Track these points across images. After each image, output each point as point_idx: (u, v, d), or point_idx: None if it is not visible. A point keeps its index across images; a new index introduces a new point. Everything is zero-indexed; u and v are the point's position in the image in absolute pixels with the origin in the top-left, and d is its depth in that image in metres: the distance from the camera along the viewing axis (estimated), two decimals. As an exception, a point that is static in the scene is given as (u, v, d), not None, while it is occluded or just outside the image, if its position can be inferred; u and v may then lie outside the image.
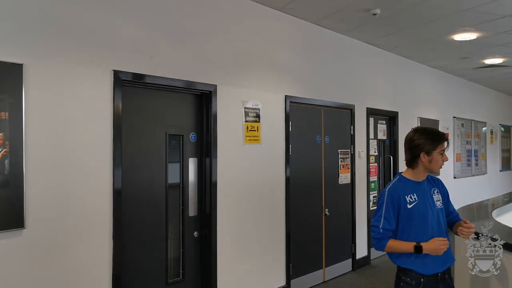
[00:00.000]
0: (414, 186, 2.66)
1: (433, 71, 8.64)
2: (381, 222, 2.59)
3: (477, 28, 5.81)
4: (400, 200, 2.59)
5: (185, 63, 4.05)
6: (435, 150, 2.59)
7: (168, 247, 3.97)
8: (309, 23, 5.47)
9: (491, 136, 11.62)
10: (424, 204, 2.61)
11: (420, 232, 2.57)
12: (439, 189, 2.75)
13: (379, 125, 7.12)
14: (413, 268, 2.56)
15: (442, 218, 2.67)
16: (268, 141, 4.88)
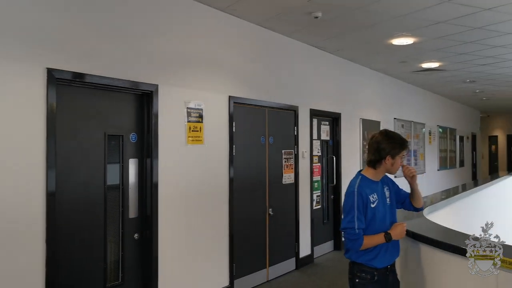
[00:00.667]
0: (373, 186, 2.80)
1: (375, 74, 8.94)
2: (356, 223, 2.65)
3: (414, 34, 6.06)
4: (367, 200, 2.71)
5: (126, 62, 3.97)
6: (398, 155, 2.77)
7: (107, 250, 3.88)
8: (253, 24, 5.51)
9: (429, 136, 12.16)
10: (382, 202, 2.79)
11: (380, 227, 2.74)
12: (388, 186, 2.94)
13: (323, 126, 7.28)
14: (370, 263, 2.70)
15: (392, 211, 2.87)
16: (211, 142, 4.87)
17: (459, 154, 15.07)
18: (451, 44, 6.62)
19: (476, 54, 7.40)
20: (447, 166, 13.72)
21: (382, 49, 6.95)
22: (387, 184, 2.92)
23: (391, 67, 8.52)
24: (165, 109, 4.31)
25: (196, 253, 4.66)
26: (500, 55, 7.49)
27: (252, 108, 5.57)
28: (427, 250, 2.67)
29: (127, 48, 3.99)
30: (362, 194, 2.68)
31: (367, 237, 2.68)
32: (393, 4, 4.85)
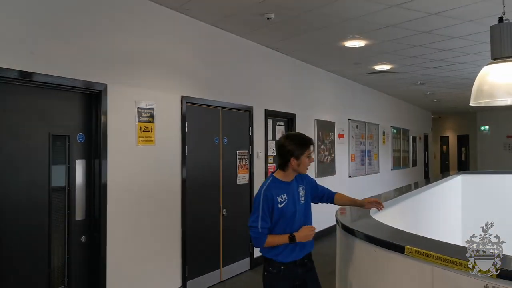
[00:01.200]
0: (284, 187, 2.91)
1: (330, 75, 9.09)
2: (259, 222, 2.80)
3: (365, 36, 6.20)
4: (273, 201, 2.83)
5: (72, 61, 3.86)
6: (303, 154, 2.86)
7: (51, 253, 3.75)
8: (206, 24, 5.48)
9: (383, 137, 12.48)
10: (292, 202, 2.90)
11: (289, 226, 2.86)
12: (304, 185, 3.03)
13: (278, 126, 7.33)
14: (275, 258, 2.84)
15: (306, 211, 2.98)
16: (163, 142, 4.81)
17: (412, 154, 15.54)
18: (401, 47, 6.82)
19: (425, 57, 7.65)
20: (401, 165, 14.12)
21: (336, 51, 7.08)
22: (302, 183, 3.02)
23: (346, 68, 8.69)
24: (114, 109, 4.22)
25: (146, 255, 4.59)
26: (448, 59, 7.77)
27: (206, 108, 5.54)
28: (365, 247, 2.74)
29: (75, 46, 3.88)
30: (268, 196, 2.82)
31: (272, 236, 2.82)
32: (343, 7, 4.94)
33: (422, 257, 2.25)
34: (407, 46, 6.79)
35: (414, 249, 2.30)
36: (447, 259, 2.12)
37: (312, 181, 3.16)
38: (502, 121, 17.94)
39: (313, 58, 7.72)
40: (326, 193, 3.20)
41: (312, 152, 2.93)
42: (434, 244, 2.47)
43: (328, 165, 8.87)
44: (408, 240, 2.55)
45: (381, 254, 2.57)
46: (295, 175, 2.98)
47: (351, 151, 10.16)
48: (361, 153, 10.77)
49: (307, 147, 2.88)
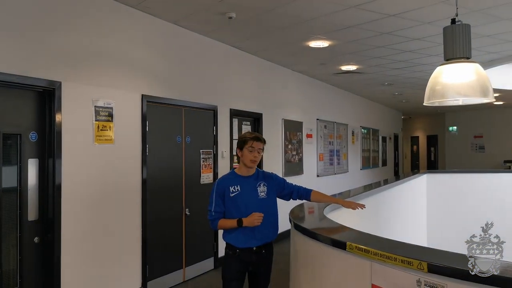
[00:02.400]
0: (239, 179, 3.28)
1: (298, 75, 9.14)
2: (213, 206, 3.22)
3: (328, 37, 6.27)
4: (224, 189, 3.23)
5: (24, 57, 3.79)
6: (245, 146, 3.24)
7: (2, 254, 3.67)
8: (168, 22, 5.45)
9: (352, 137, 12.62)
10: (245, 194, 3.23)
11: (241, 214, 3.17)
12: (267, 182, 3.34)
13: (244, 126, 7.34)
14: (231, 242, 3.22)
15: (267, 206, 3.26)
16: (122, 141, 4.76)
17: (382, 154, 15.78)
18: (364, 48, 6.91)
19: (389, 58, 7.78)
20: (370, 165, 14.32)
21: (300, 51, 7.13)
22: (264, 181, 3.34)
23: (312, 69, 8.76)
24: (69, 107, 4.16)
25: (104, 255, 4.53)
26: (411, 60, 7.92)
27: (167, 107, 5.50)
28: (312, 244, 2.77)
29: (26, 43, 3.81)
30: (220, 185, 3.25)
31: (223, 220, 3.21)
32: (301, 8, 4.98)
33: (362, 253, 2.29)
34: (370, 47, 6.89)
35: (354, 245, 2.34)
36: (384, 254, 2.16)
37: (280, 181, 3.45)
38: (469, 122, 18.39)
39: (279, 58, 7.76)
40: (296, 190, 3.44)
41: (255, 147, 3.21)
42: (374, 240, 2.52)
43: (295, 164, 8.93)
44: (350, 237, 2.59)
45: (326, 251, 2.61)
46: (255, 172, 3.33)
47: (320, 150, 10.25)
48: (329, 153, 10.87)
49: (249, 140, 3.23)
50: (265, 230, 3.21)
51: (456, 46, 3.84)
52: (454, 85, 3.85)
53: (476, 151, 18.31)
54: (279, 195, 3.41)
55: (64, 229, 4.08)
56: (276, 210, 3.37)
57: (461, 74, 3.79)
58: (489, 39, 6.47)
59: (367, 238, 2.61)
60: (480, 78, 3.71)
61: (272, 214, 3.29)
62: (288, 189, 3.43)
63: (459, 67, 3.78)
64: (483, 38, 6.42)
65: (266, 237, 3.26)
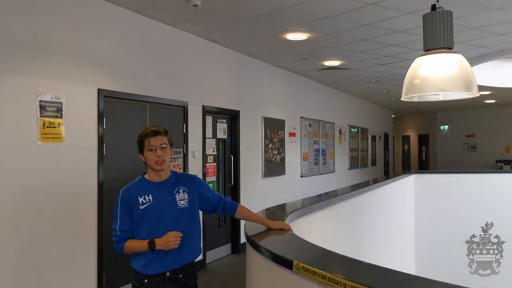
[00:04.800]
0: (151, 187, 2.56)
1: (279, 71, 8.73)
2: (118, 224, 2.50)
3: (306, 28, 5.86)
4: (132, 201, 2.50)
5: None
6: (144, 148, 2.53)
7: None
8: (129, 11, 5.02)
9: (339, 136, 12.23)
10: (160, 204, 2.52)
11: (155, 232, 2.47)
12: (187, 187, 2.63)
13: (219, 123, 6.93)
14: (137, 268, 2.51)
15: (186, 217, 2.57)
16: (74, 140, 4.34)
17: (371, 153, 15.41)
18: (346, 41, 6.52)
19: (373, 53, 7.39)
20: (359, 165, 13.94)
21: (279, 45, 6.71)
22: (183, 185, 2.62)
23: (294, 64, 8.35)
24: (7, 101, 3.73)
25: (50, 265, 4.09)
26: (397, 55, 7.54)
27: (129, 103, 5.08)
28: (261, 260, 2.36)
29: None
30: (125, 196, 2.53)
31: (131, 241, 2.48)
32: (273, -6, 4.58)
33: (308, 274, 1.88)
34: (352, 40, 6.49)
35: (301, 265, 1.94)
36: (333, 278, 1.76)
37: (205, 186, 2.76)
38: (461, 121, 18.08)
39: (258, 52, 7.33)
40: (223, 202, 2.76)
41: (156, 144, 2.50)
42: (331, 258, 2.12)
43: (277, 164, 8.53)
44: (302, 253, 2.19)
45: (273, 269, 2.20)
46: (171, 174, 2.63)
47: (304, 150, 9.85)
48: (314, 152, 10.48)
49: (143, 139, 2.52)
50: (182, 248, 2.49)
51: (437, 35, 3.49)
52: (434, 79, 3.49)
53: (468, 150, 18.01)
54: (202, 204, 2.69)
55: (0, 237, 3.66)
56: (199, 222, 2.69)
57: (442, 66, 3.43)
58: (477, 31, 6.10)
59: (324, 255, 2.21)
60: (463, 70, 3.34)
61: (194, 228, 2.62)
62: (215, 198, 2.73)
63: (440, 58, 3.41)
64: (471, 31, 6.04)
65: (185, 257, 2.54)
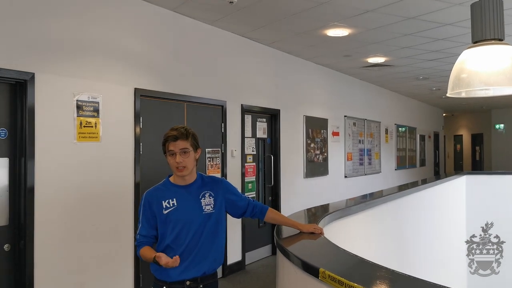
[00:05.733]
0: (176, 191, 2.46)
1: (321, 69, 8.51)
2: (139, 228, 2.44)
3: (347, 24, 5.65)
4: (155, 205, 2.41)
5: (-10, 46, 3.44)
6: (166, 152, 2.45)
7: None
8: (166, 10, 5.00)
9: (385, 135, 11.84)
10: (184, 209, 2.41)
11: (174, 240, 2.38)
12: (213, 191, 2.51)
13: (259, 123, 6.82)
14: (156, 275, 2.41)
15: (211, 223, 2.45)
16: (111, 139, 4.36)
17: (420, 153, 14.83)
18: (390, 36, 6.24)
19: (420, 48, 7.06)
20: (406, 165, 13.45)
21: (319, 42, 6.53)
22: (209, 189, 2.50)
23: (337, 61, 8.11)
24: (45, 101, 3.78)
25: (87, 265, 4.12)
26: (446, 49, 7.16)
27: (166, 102, 5.07)
28: (289, 267, 2.23)
29: (-8, 30, 3.46)
30: (149, 199, 2.43)
31: (145, 249, 2.37)
32: (310, -12, 4.42)
33: (335, 284, 1.74)
34: (396, 35, 6.21)
35: (328, 273, 1.79)
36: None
37: (233, 190, 2.62)
38: (518, 119, 17.12)
39: (298, 50, 7.17)
40: (252, 206, 2.61)
41: (175, 150, 2.39)
42: (364, 267, 1.95)
43: (319, 164, 8.32)
44: (331, 260, 2.04)
45: (300, 276, 2.07)
46: (197, 178, 2.52)
47: (348, 149, 9.58)
48: (359, 152, 10.18)
49: (165, 143, 2.43)
50: (205, 256, 2.39)
51: (486, 26, 3.26)
52: (483, 72, 3.24)
53: (525, 150, 17.02)
54: (229, 209, 2.56)
55: (39, 235, 3.70)
56: (224, 229, 2.55)
57: (492, 59, 3.19)
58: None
59: (356, 264, 2.04)
60: (515, 63, 3.09)
61: (218, 235, 2.47)
62: (243, 202, 2.59)
63: (489, 50, 3.18)
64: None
65: (206, 266, 2.40)
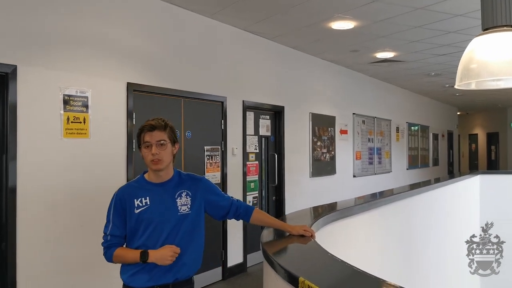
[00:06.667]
0: (150, 188, 2.26)
1: (328, 65, 8.25)
2: (109, 228, 2.21)
3: (352, 15, 5.39)
4: (126, 203, 2.21)
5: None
6: (141, 144, 2.22)
7: None
8: (162, 1, 4.80)
9: (396, 134, 11.53)
10: (157, 209, 2.21)
11: (145, 242, 2.18)
12: (191, 191, 2.29)
13: (262, 120, 6.59)
14: (123, 278, 2.21)
15: (187, 225, 2.24)
16: (101, 135, 4.17)
17: (433, 153, 14.46)
18: (397, 29, 5.96)
19: (430, 42, 6.76)
20: (418, 164, 13.10)
21: (324, 35, 6.27)
22: (186, 188, 2.28)
23: (344, 57, 7.84)
24: (29, 95, 3.60)
25: (79, 265, 3.93)
26: (458, 43, 6.85)
27: (161, 97, 4.87)
28: (271, 274, 2.00)
29: (-30, 20, 3.28)
30: (121, 197, 2.23)
31: (122, 249, 2.20)
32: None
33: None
34: (404, 28, 5.93)
35: (308, 283, 1.56)
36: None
37: (213, 189, 2.40)
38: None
39: (303, 45, 6.91)
40: (235, 206, 2.39)
41: (152, 140, 2.16)
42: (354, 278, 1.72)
43: (326, 163, 8.07)
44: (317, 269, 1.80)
45: (280, 285, 1.84)
46: (173, 175, 2.30)
47: (356, 148, 9.31)
48: (368, 151, 9.89)
49: (141, 133, 2.21)
50: (180, 260, 2.18)
51: (497, 11, 3.00)
52: (494, 62, 2.97)
53: (543, 149, 16.54)
54: (210, 210, 2.36)
55: (21, 236, 3.53)
56: (202, 232, 2.33)
57: (503, 47, 2.93)
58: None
59: (342, 271, 1.81)
60: (530, 52, 2.84)
61: (195, 238, 2.27)
62: (224, 202, 2.38)
63: (501, 37, 2.92)
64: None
65: (181, 270, 2.21)
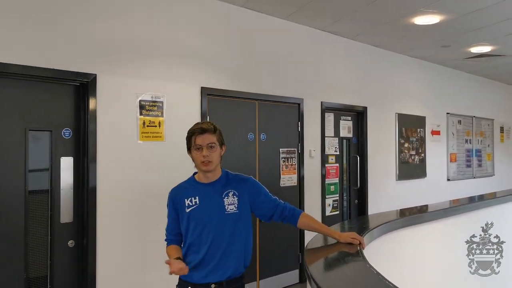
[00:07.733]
0: (199, 188, 2.38)
1: (416, 62, 7.79)
2: (167, 226, 2.46)
3: (438, 9, 5.03)
4: (178, 203, 2.38)
5: (54, 49, 3.57)
6: (191, 147, 2.34)
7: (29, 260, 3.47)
8: (234, 6, 4.87)
9: (501, 134, 10.58)
10: (206, 208, 2.33)
11: (196, 239, 2.32)
12: (238, 191, 2.38)
13: (343, 121, 6.42)
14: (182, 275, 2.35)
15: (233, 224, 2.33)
16: (175, 138, 4.32)
17: (547, 155, 13.02)
18: (492, 20, 5.45)
19: (533, 33, 6.10)
20: (527, 168, 11.88)
21: (408, 31, 5.93)
22: (233, 188, 2.37)
23: (434, 53, 7.35)
24: (107, 102, 3.85)
25: (154, 262, 4.12)
26: None
27: (235, 101, 4.94)
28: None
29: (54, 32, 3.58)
30: (173, 196, 2.41)
31: (171, 248, 2.41)
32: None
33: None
34: (500, 19, 5.41)
35: None
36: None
37: (260, 190, 2.45)
38: None
39: (386, 42, 6.60)
40: (281, 208, 2.44)
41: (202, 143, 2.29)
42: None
43: (415, 166, 7.64)
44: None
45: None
46: (221, 175, 2.42)
47: (451, 150, 8.69)
48: (466, 153, 9.19)
49: (190, 137, 2.34)
50: (229, 259, 2.29)
51: None
52: None
53: None
54: (256, 210, 2.43)
55: (101, 232, 3.78)
56: (250, 231, 2.41)
57: None
58: None
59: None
60: None
61: (243, 237, 2.36)
62: (271, 204, 2.43)
63: None
64: None
65: (231, 269, 2.31)
